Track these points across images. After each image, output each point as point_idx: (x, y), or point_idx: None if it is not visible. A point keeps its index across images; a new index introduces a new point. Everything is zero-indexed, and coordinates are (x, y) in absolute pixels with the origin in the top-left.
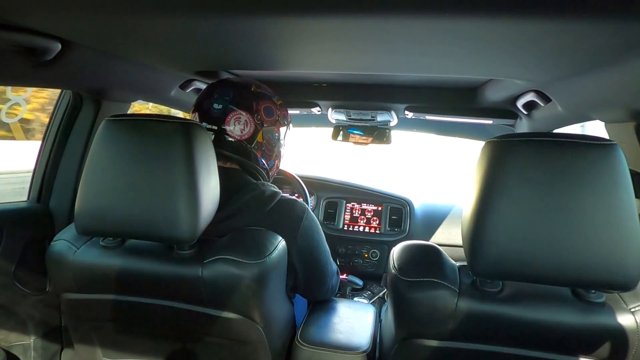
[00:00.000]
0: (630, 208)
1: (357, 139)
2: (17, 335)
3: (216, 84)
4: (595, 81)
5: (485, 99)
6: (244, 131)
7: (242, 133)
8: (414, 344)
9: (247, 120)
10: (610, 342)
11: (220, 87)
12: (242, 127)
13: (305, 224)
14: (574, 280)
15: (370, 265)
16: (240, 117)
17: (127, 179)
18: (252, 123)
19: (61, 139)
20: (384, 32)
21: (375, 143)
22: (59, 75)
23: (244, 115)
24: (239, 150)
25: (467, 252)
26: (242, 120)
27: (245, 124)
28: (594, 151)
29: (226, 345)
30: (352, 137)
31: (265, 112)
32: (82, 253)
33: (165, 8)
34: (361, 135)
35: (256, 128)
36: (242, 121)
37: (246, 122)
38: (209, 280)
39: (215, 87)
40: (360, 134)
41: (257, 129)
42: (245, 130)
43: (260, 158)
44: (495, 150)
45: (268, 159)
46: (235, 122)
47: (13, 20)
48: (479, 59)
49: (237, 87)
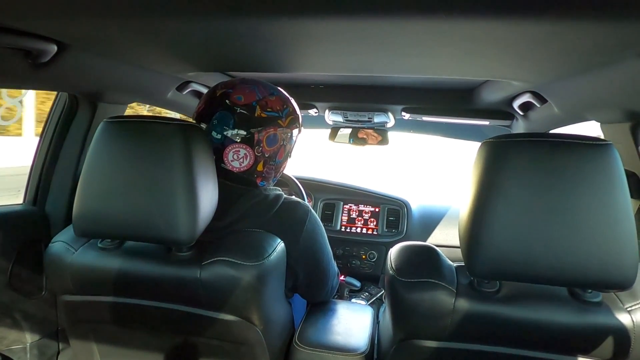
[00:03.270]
0: (625, 208)
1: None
2: (14, 338)
3: (217, 105)
4: (590, 82)
5: (482, 100)
6: (243, 164)
7: (240, 166)
8: (412, 344)
9: (246, 153)
10: (607, 341)
11: (221, 112)
12: (240, 161)
13: (309, 226)
14: (571, 280)
15: (368, 266)
16: (240, 151)
17: (126, 180)
18: (252, 155)
19: (57, 142)
20: (381, 34)
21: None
22: (55, 78)
23: (242, 149)
24: (236, 179)
25: (464, 253)
26: (241, 153)
27: (245, 157)
28: (590, 151)
29: (224, 347)
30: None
31: (267, 142)
32: (80, 255)
33: (161, 10)
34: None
35: (256, 159)
36: (242, 154)
37: (245, 155)
38: (207, 282)
39: (216, 109)
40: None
41: (258, 160)
42: (245, 162)
43: (260, 182)
44: (492, 151)
45: (269, 180)
46: (234, 155)
47: (9, 22)
48: (475, 60)
49: (239, 115)
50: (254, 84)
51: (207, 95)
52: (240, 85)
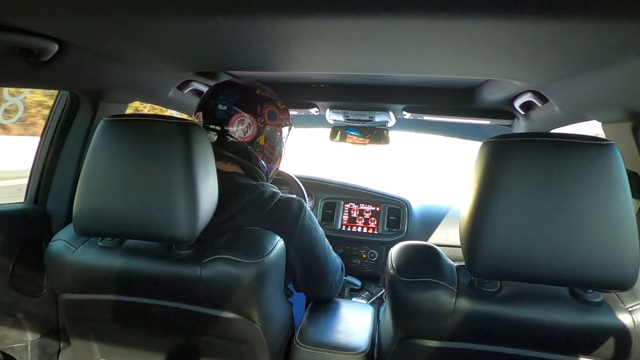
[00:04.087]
0: (627, 208)
1: (354, 139)
2: (14, 337)
3: (221, 85)
4: (592, 82)
5: (483, 100)
6: (247, 133)
7: (244, 135)
8: (412, 344)
9: (250, 122)
10: (608, 341)
11: (226, 89)
12: (245, 129)
13: (303, 222)
14: (572, 279)
15: (369, 265)
16: (244, 119)
17: (126, 179)
18: (255, 125)
19: (58, 140)
20: (382, 33)
21: (373, 144)
22: (56, 76)
23: (247, 117)
24: (240, 152)
25: (465, 252)
26: (245, 122)
27: (249, 126)
28: (591, 151)
29: (224, 345)
30: (350, 138)
31: (268, 115)
32: (81, 253)
33: (163, 9)
34: (359, 136)
35: (259, 130)
36: (246, 123)
37: (249, 125)
38: (208, 280)
39: (221, 88)
40: (358, 134)
41: (260, 131)
42: (248, 132)
43: (261, 160)
44: (493, 151)
45: (269, 162)
46: (239, 124)
47: (10, 21)
48: (476, 60)
49: (242, 90)
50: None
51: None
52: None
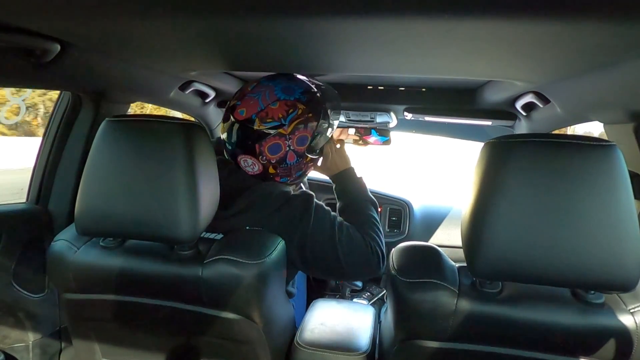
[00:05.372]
0: (629, 209)
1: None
2: (16, 337)
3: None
4: (594, 82)
5: (484, 101)
6: (254, 169)
7: (253, 171)
8: (414, 345)
9: (253, 162)
10: (610, 343)
11: (230, 127)
12: (251, 167)
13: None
14: (573, 281)
15: None
16: (247, 160)
17: (128, 179)
18: (259, 164)
19: (60, 141)
20: (384, 34)
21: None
22: (58, 77)
23: (249, 158)
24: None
25: (467, 253)
26: (249, 162)
27: (253, 165)
28: (593, 152)
29: (225, 345)
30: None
31: (269, 150)
32: (83, 253)
33: (164, 10)
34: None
35: (264, 166)
36: (250, 163)
37: (253, 164)
38: (209, 280)
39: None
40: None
41: (266, 166)
42: (255, 168)
43: (281, 179)
44: (495, 152)
45: (290, 177)
46: (244, 163)
47: (12, 21)
48: (478, 61)
49: (240, 129)
50: (259, 92)
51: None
52: (248, 95)
